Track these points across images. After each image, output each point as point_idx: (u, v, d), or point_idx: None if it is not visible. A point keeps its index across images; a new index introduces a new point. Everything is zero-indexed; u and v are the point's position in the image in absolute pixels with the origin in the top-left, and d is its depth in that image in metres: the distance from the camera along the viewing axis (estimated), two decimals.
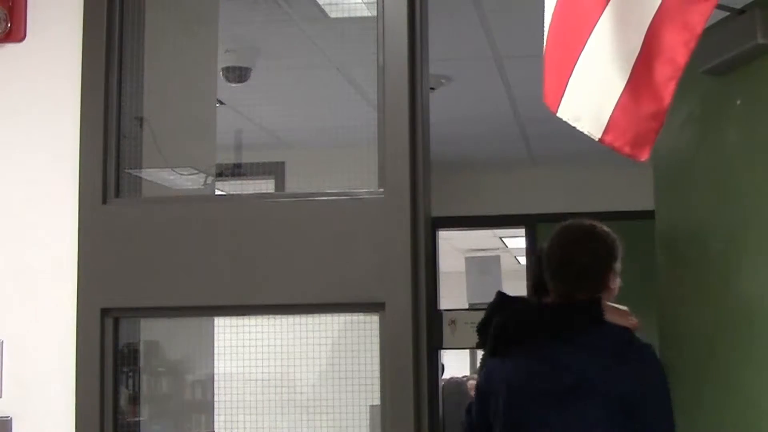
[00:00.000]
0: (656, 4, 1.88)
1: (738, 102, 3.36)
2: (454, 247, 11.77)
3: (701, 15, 1.85)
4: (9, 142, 3.05)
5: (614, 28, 1.91)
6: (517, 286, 5.87)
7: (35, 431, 2.92)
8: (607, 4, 1.91)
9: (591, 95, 1.91)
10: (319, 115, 3.41)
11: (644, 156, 1.91)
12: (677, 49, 1.87)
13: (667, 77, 1.88)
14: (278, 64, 3.77)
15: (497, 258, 10.11)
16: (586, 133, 1.92)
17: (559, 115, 1.95)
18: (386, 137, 2.88)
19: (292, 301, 2.89)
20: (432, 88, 3.03)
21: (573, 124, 1.94)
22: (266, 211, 2.94)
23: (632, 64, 1.88)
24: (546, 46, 2.03)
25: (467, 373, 12.94)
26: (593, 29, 1.91)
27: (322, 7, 3.41)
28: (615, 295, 3.25)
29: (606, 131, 1.90)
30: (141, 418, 3.15)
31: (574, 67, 1.93)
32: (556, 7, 1.99)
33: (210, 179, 3.37)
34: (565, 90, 1.94)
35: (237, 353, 3.16)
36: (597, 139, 1.90)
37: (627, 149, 1.91)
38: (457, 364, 12.98)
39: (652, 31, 1.89)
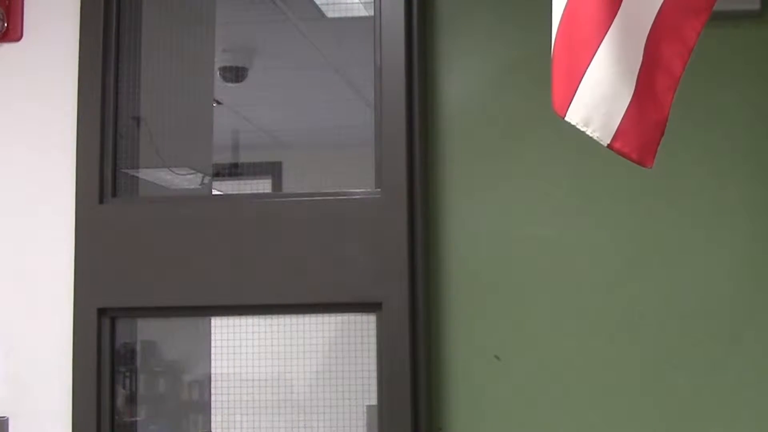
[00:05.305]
0: (653, 16, 1.99)
1: None
2: None
3: (694, 29, 1.99)
4: (5, 141, 3.05)
5: (623, 37, 2.00)
6: None
7: (32, 431, 2.92)
8: (617, 13, 1.98)
9: (601, 103, 2.00)
10: (316, 115, 3.40)
11: (650, 163, 2.00)
12: (673, 61, 2.00)
13: (665, 88, 1.96)
14: (275, 64, 3.76)
15: None
16: (595, 138, 2.00)
17: (567, 119, 2.02)
18: (383, 137, 2.88)
19: (289, 301, 2.89)
20: None
21: (581, 129, 2.01)
22: (263, 211, 2.94)
23: (637, 74, 1.96)
24: (554, 51, 2.06)
25: None
26: (604, 37, 1.99)
27: (320, 6, 3.41)
28: None
29: (615, 138, 2.00)
30: (137, 418, 3.15)
31: (584, 73, 2.01)
32: (564, 13, 2.04)
33: (207, 179, 3.37)
34: (574, 95, 2.00)
35: (233, 353, 3.16)
36: (606, 145, 1.99)
37: (634, 156, 2.01)
38: None
39: (651, 42, 1.99)
